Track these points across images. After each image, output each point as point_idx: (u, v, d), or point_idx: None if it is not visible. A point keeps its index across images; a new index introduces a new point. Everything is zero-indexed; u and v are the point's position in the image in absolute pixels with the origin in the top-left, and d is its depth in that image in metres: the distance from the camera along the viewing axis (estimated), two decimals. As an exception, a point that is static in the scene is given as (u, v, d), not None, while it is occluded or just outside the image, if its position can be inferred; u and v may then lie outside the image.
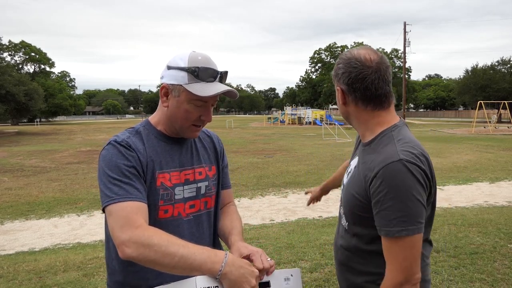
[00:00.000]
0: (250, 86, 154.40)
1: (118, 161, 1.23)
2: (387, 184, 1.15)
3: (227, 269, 1.11)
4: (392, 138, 1.27)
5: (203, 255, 1.12)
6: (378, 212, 1.19)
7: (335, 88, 1.37)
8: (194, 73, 1.27)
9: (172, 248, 1.10)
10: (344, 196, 1.38)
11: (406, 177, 1.15)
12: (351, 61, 1.30)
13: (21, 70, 55.48)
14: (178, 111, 1.31)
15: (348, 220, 1.37)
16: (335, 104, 56.60)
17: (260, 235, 5.30)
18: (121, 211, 1.16)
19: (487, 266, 3.84)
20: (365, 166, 1.28)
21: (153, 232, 1.13)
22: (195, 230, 1.38)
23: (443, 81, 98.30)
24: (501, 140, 20.53)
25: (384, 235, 1.18)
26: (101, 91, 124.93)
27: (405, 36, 36.57)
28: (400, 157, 1.17)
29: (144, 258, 1.11)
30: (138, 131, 1.35)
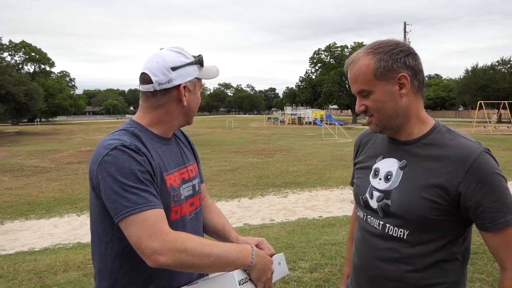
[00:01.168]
0: (250, 86, 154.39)
1: (132, 167, 1.17)
2: (484, 177, 1.12)
3: (256, 260, 1.22)
4: (450, 130, 1.23)
5: (234, 251, 1.19)
6: (485, 208, 1.12)
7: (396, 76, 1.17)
8: (200, 62, 1.35)
9: (207, 249, 1.14)
10: (403, 200, 1.20)
11: (497, 168, 1.15)
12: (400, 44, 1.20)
13: (21, 70, 55.45)
14: (194, 102, 1.38)
15: (409, 228, 1.20)
16: (335, 104, 56.89)
17: (260, 235, 5.29)
18: (146, 220, 1.12)
19: (487, 266, 3.84)
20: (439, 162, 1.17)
21: (185, 237, 1.16)
22: (196, 228, 1.40)
23: (443, 81, 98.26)
24: (501, 140, 20.54)
25: (503, 225, 1.11)
26: (101, 91, 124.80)
27: (405, 36, 36.59)
28: (484, 148, 1.15)
29: (181, 263, 1.12)
30: (135, 133, 1.28)
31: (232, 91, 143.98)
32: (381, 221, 1.26)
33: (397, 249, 1.22)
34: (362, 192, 1.34)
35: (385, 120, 1.22)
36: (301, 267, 3.95)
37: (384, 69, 1.17)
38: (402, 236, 1.21)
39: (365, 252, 1.31)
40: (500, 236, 1.13)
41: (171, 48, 1.33)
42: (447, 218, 1.17)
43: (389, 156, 1.29)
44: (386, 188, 1.25)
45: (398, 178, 1.23)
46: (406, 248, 1.21)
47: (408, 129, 1.24)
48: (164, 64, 1.28)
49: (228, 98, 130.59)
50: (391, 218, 1.23)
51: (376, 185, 1.28)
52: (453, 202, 1.15)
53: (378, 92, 1.19)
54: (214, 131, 31.95)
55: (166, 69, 1.28)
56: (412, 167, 1.21)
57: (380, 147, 1.34)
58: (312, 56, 55.93)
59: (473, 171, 1.12)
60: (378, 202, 1.26)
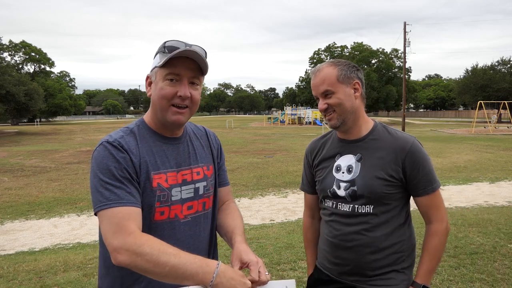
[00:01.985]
0: (250, 86, 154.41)
1: (109, 163, 1.19)
2: (419, 157, 1.55)
3: (218, 280, 1.09)
4: (386, 127, 1.65)
5: (194, 265, 1.10)
6: (420, 179, 1.54)
7: (347, 84, 1.56)
8: (163, 50, 1.27)
9: (163, 258, 1.09)
10: (366, 184, 1.55)
11: (424, 150, 1.59)
12: (352, 64, 1.61)
13: (21, 70, 55.47)
14: (156, 93, 1.28)
15: (373, 203, 1.56)
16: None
17: (260, 235, 5.29)
18: (113, 217, 1.14)
19: (487, 266, 3.84)
20: (384, 152, 1.57)
21: (145, 240, 1.12)
22: (193, 232, 1.35)
23: (443, 81, 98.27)
24: (501, 140, 20.54)
25: (430, 192, 1.55)
26: (101, 91, 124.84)
27: (405, 36, 36.55)
28: (414, 138, 1.60)
29: (136, 266, 1.11)
30: (133, 130, 1.31)
31: (232, 91, 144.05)
32: (350, 204, 1.60)
33: (367, 221, 1.58)
34: (329, 185, 1.65)
35: (344, 115, 1.57)
36: (301, 267, 3.95)
37: (345, 76, 1.56)
38: (369, 211, 1.58)
39: (341, 231, 1.63)
40: (428, 199, 1.57)
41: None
42: (398, 191, 1.57)
43: (345, 153, 1.64)
44: (350, 178, 1.60)
45: (358, 168, 1.59)
46: (373, 219, 1.57)
47: (357, 128, 1.62)
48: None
49: (228, 98, 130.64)
50: (359, 200, 1.58)
51: (341, 177, 1.62)
52: (400, 179, 1.55)
53: (340, 92, 1.55)
54: (214, 131, 31.56)
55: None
56: (367, 158, 1.59)
57: (334, 148, 1.68)
58: (312, 56, 56.02)
59: (411, 154, 1.54)
60: (346, 190, 1.60)
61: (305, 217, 1.89)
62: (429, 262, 1.56)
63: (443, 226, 1.57)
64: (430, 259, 1.56)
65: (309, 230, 1.87)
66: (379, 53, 51.15)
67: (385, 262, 1.58)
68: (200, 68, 1.30)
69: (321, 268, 1.75)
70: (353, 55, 51.13)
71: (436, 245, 1.56)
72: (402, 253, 1.60)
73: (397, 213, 1.60)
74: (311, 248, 1.87)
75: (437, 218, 1.57)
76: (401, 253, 1.60)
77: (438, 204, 1.57)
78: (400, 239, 1.60)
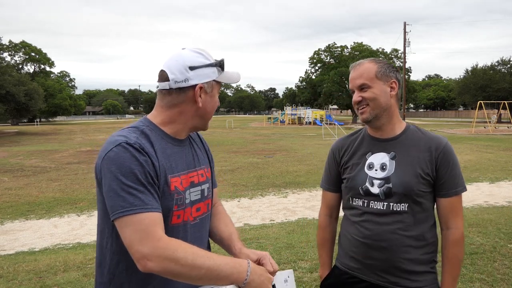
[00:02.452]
0: (250, 86, 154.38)
1: (133, 166, 1.14)
2: (450, 157, 1.57)
3: (251, 278, 1.17)
4: (419, 128, 1.68)
5: (228, 265, 1.14)
6: (446, 179, 1.56)
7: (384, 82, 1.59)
8: (221, 66, 1.33)
9: (198, 261, 1.10)
10: (402, 181, 1.56)
11: (454, 151, 1.61)
12: (392, 65, 1.65)
13: (21, 70, 55.44)
14: (211, 105, 1.35)
15: (408, 201, 1.56)
16: (335, 104, 56.86)
17: (260, 235, 5.29)
18: (139, 223, 1.10)
19: (487, 266, 3.84)
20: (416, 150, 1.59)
21: (177, 245, 1.12)
22: (200, 234, 1.36)
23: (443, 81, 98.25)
24: (501, 140, 20.53)
25: (454, 194, 1.57)
26: (101, 91, 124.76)
27: (405, 36, 36.56)
28: (446, 139, 1.62)
29: (169, 272, 1.10)
30: (144, 132, 1.26)
31: (232, 91, 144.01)
32: (384, 202, 1.59)
33: (402, 220, 1.57)
34: (361, 182, 1.64)
35: (377, 110, 1.59)
36: (301, 267, 3.95)
37: (383, 73, 1.59)
38: (404, 209, 1.57)
39: (374, 231, 1.60)
40: (449, 201, 1.58)
41: (193, 49, 1.32)
42: (430, 190, 1.59)
43: (377, 151, 1.64)
44: (384, 176, 1.59)
45: (393, 166, 1.59)
46: (408, 218, 1.57)
47: (391, 127, 1.64)
48: (182, 63, 1.27)
49: (228, 98, 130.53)
50: (393, 198, 1.57)
51: (374, 175, 1.61)
52: (433, 177, 1.57)
53: (376, 88, 1.58)
54: (214, 131, 31.94)
55: (184, 67, 1.27)
56: (401, 156, 1.60)
57: (365, 146, 1.69)
58: (312, 56, 55.89)
59: (444, 153, 1.57)
60: (380, 188, 1.59)
61: (322, 215, 1.88)
62: (452, 272, 1.57)
63: (460, 234, 1.57)
64: (453, 268, 1.57)
65: (326, 229, 1.86)
66: (379, 53, 51.09)
67: (419, 262, 1.58)
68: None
69: (344, 268, 1.72)
70: (353, 55, 50.99)
71: (456, 254, 1.57)
72: (433, 253, 1.62)
73: (430, 212, 1.61)
74: (327, 247, 1.86)
75: (455, 224, 1.57)
76: (432, 254, 1.62)
77: (458, 210, 1.58)
78: (432, 240, 1.61)
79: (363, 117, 1.61)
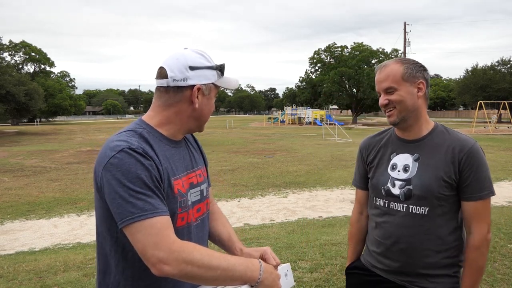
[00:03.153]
0: (250, 86, 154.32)
1: (139, 172, 1.13)
2: (475, 160, 1.51)
3: (264, 276, 1.19)
4: (447, 128, 1.61)
5: (242, 265, 1.16)
6: (470, 183, 1.50)
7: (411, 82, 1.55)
8: (221, 70, 1.33)
9: (214, 262, 1.11)
10: (423, 184, 1.54)
11: (483, 154, 1.54)
12: (420, 63, 1.59)
13: (21, 70, 55.43)
14: (208, 108, 1.34)
15: (429, 205, 1.54)
16: (335, 104, 56.83)
17: (260, 235, 5.29)
18: (151, 228, 1.09)
19: (487, 266, 3.84)
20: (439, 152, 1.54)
21: (192, 247, 1.12)
22: (202, 234, 1.36)
23: (443, 81, 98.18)
24: (501, 140, 20.53)
25: (477, 199, 1.51)
26: (101, 91, 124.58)
27: (405, 36, 36.58)
28: (475, 141, 1.56)
29: (186, 274, 1.09)
30: (142, 135, 1.23)
31: (232, 91, 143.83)
32: (404, 203, 1.58)
33: (422, 223, 1.55)
34: (383, 183, 1.64)
35: (404, 112, 1.56)
36: (301, 267, 3.95)
37: (410, 74, 1.55)
38: (424, 212, 1.55)
39: (394, 233, 1.61)
40: (473, 205, 1.52)
41: (195, 49, 1.32)
42: (453, 193, 1.53)
43: (401, 152, 1.63)
44: (406, 177, 1.58)
45: (415, 168, 1.57)
46: (428, 220, 1.54)
47: (418, 128, 1.60)
48: (183, 62, 1.26)
49: (228, 98, 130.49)
50: (413, 200, 1.55)
51: (396, 176, 1.60)
52: (456, 179, 1.52)
53: (403, 90, 1.55)
54: (214, 131, 31.93)
55: (184, 67, 1.26)
56: (424, 158, 1.56)
57: (391, 146, 1.67)
58: (312, 56, 55.86)
59: (469, 155, 1.51)
60: (401, 189, 1.58)
61: (354, 212, 1.92)
62: (470, 277, 1.53)
63: (481, 239, 1.52)
64: (472, 273, 1.53)
65: (355, 225, 1.89)
66: (379, 53, 51.03)
67: (438, 265, 1.57)
68: None
69: (366, 265, 1.77)
70: (353, 55, 50.97)
71: (476, 259, 1.52)
72: (456, 257, 1.58)
73: (452, 216, 1.57)
74: (353, 242, 1.90)
75: (477, 229, 1.52)
76: (455, 258, 1.58)
77: (481, 215, 1.52)
78: (455, 243, 1.57)
79: (391, 120, 1.59)
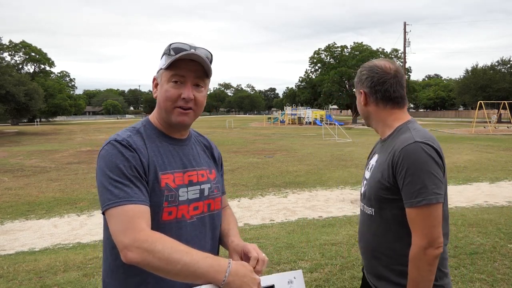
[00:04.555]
0: (250, 86, 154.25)
1: (118, 161, 1.19)
2: (406, 162, 1.38)
3: (230, 279, 1.10)
4: (408, 128, 1.52)
5: (206, 263, 1.10)
6: (402, 187, 1.40)
7: (357, 92, 1.63)
8: (169, 52, 1.29)
9: (175, 255, 1.09)
10: (370, 185, 1.56)
11: (422, 155, 1.38)
12: (373, 68, 1.58)
13: (21, 70, 55.42)
14: (161, 94, 1.31)
15: (374, 206, 1.54)
16: (335, 104, 56.83)
17: (260, 235, 5.29)
18: (123, 214, 1.13)
19: (487, 266, 3.84)
20: (386, 153, 1.51)
21: (157, 238, 1.12)
22: (198, 233, 1.36)
23: (443, 81, 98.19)
24: (501, 140, 20.53)
25: (409, 206, 1.39)
26: (101, 91, 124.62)
27: (405, 36, 36.57)
28: (415, 140, 1.41)
29: (148, 264, 1.10)
30: (139, 130, 1.33)
31: (232, 91, 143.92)
32: (362, 202, 1.65)
33: (370, 224, 1.58)
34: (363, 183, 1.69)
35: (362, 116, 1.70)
36: (301, 267, 3.95)
37: (356, 83, 1.65)
38: (372, 213, 1.57)
39: (358, 230, 1.71)
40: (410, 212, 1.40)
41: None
42: (397, 197, 1.44)
43: (376, 153, 1.67)
44: (367, 177, 1.62)
45: (373, 168, 1.60)
46: (375, 222, 1.55)
47: (382, 130, 1.63)
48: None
49: (228, 98, 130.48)
50: (365, 200, 1.60)
51: (366, 175, 1.66)
52: (394, 183, 1.44)
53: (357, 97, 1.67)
54: (214, 131, 31.93)
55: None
56: (378, 159, 1.59)
57: (374, 148, 1.74)
58: (312, 56, 55.85)
59: (400, 157, 1.41)
60: (363, 188, 1.64)
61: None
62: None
63: (417, 250, 1.36)
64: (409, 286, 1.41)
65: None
66: (379, 53, 51.06)
67: (383, 270, 1.54)
68: (204, 71, 1.31)
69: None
70: (353, 55, 50.95)
71: (411, 270, 1.39)
72: (402, 266, 1.45)
73: (400, 221, 1.45)
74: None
75: (414, 240, 1.38)
76: (401, 266, 1.46)
77: (416, 224, 1.37)
78: (404, 251, 1.43)
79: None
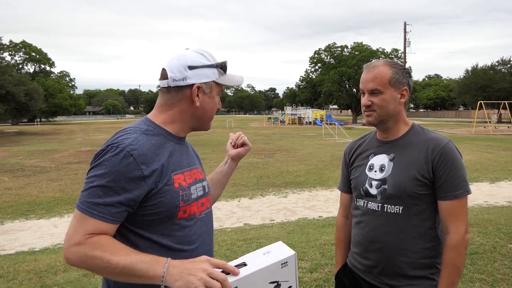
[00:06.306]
0: (250, 86, 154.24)
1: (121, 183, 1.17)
2: (448, 158, 1.52)
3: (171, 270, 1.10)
4: (422, 128, 1.65)
5: (144, 264, 1.12)
6: (444, 182, 1.51)
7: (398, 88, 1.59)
8: (222, 67, 1.36)
9: (114, 259, 1.12)
10: (396, 183, 1.56)
11: (457, 153, 1.56)
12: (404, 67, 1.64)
13: (21, 70, 55.42)
14: (210, 106, 1.37)
15: (403, 204, 1.56)
16: (335, 104, 56.84)
17: (260, 235, 5.29)
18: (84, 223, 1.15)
19: (487, 266, 3.84)
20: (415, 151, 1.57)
21: (100, 244, 1.14)
22: (207, 228, 1.41)
23: (443, 81, 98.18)
24: (501, 140, 20.53)
25: (452, 198, 1.51)
26: (101, 91, 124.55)
27: (405, 36, 36.58)
28: (449, 139, 1.57)
29: (89, 268, 1.14)
30: (145, 132, 1.28)
31: (232, 91, 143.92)
32: (379, 203, 1.61)
33: (396, 222, 1.57)
34: (362, 184, 1.67)
35: (383, 116, 1.60)
36: (301, 267, 3.95)
37: (397, 80, 1.58)
38: (399, 211, 1.56)
39: (370, 232, 1.64)
40: (448, 205, 1.52)
41: (196, 49, 1.36)
42: (429, 192, 1.54)
43: (379, 153, 1.67)
44: (382, 177, 1.61)
45: (390, 167, 1.60)
46: (402, 220, 1.56)
47: (395, 130, 1.65)
48: (183, 62, 1.31)
49: (228, 98, 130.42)
50: (388, 199, 1.58)
51: (373, 176, 1.64)
52: (430, 178, 1.53)
53: (387, 94, 1.58)
54: (214, 131, 31.92)
55: (183, 67, 1.31)
56: (399, 158, 1.60)
57: (370, 148, 1.72)
58: (312, 56, 55.85)
59: (442, 154, 1.52)
60: (377, 189, 1.61)
61: (339, 216, 1.92)
62: (447, 278, 1.50)
63: (459, 239, 1.50)
64: (449, 274, 1.51)
65: (342, 229, 1.89)
66: (379, 53, 51.02)
67: (415, 266, 1.56)
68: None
69: (351, 267, 1.78)
70: (353, 55, 50.92)
71: (452, 259, 1.50)
72: (433, 259, 1.57)
73: (428, 215, 1.56)
74: (341, 247, 1.90)
75: (454, 229, 1.51)
76: (432, 259, 1.57)
77: (457, 214, 1.51)
78: (431, 244, 1.56)
79: (368, 120, 1.63)
